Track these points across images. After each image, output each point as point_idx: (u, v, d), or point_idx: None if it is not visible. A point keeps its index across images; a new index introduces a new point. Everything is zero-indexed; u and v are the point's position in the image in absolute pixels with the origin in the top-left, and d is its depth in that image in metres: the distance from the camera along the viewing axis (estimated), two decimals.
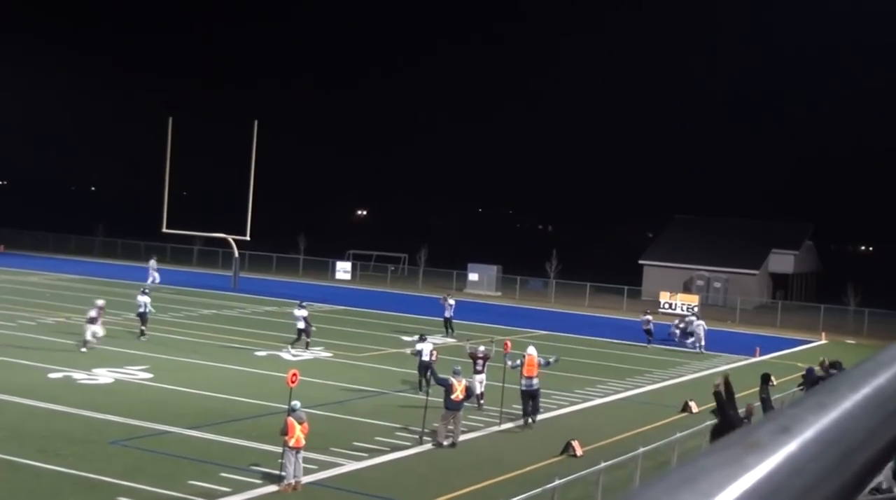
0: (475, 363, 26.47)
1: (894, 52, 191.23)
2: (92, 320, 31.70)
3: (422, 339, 28.57)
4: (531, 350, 25.11)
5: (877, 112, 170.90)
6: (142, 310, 34.84)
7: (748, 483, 0.82)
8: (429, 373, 24.75)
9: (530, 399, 24.28)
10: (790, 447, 0.87)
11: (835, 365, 25.13)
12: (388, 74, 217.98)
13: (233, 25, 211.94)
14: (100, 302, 33.21)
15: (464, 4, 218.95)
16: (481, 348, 27.37)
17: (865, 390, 0.99)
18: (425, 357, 27.14)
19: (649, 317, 43.77)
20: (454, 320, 41.31)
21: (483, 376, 26.32)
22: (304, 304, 35.37)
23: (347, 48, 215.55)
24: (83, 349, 31.02)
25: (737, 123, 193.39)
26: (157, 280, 54.51)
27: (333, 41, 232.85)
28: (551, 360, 25.42)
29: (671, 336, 43.93)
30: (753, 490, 0.81)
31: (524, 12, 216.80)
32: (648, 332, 42.71)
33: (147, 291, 36.41)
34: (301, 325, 34.04)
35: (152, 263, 56.74)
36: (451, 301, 41.75)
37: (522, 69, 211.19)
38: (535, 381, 24.30)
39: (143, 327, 34.76)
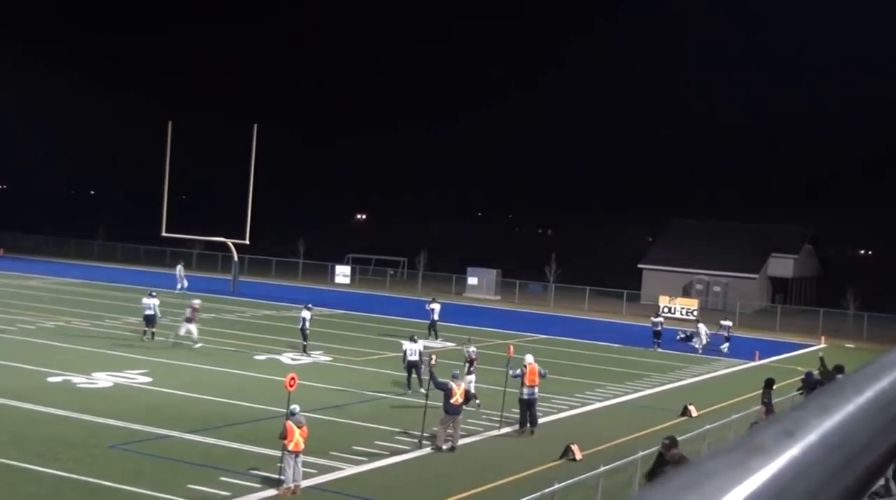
0: (470, 365, 26.80)
1: (893, 56, 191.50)
2: (188, 320, 33.81)
3: (412, 340, 28.78)
4: (529, 358, 25.00)
5: (877, 114, 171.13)
6: (150, 312, 34.91)
7: (752, 487, 0.82)
8: (426, 375, 24.83)
9: (528, 408, 24.26)
10: (794, 451, 0.86)
11: (839, 369, 25.10)
12: (386, 78, 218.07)
13: (233, 26, 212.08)
14: (196, 302, 34.96)
15: (454, 5, 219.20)
16: (472, 349, 27.97)
17: (869, 394, 0.98)
18: (412, 357, 27.56)
19: (661, 319, 43.66)
20: (438, 323, 41.57)
21: (473, 377, 26.53)
22: (309, 306, 35.56)
23: (347, 50, 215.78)
24: (170, 340, 33.83)
25: (737, 127, 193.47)
26: (186, 286, 54.51)
27: (333, 42, 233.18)
28: (545, 372, 25.43)
29: (697, 344, 43.35)
30: (757, 494, 0.81)
31: (523, 12, 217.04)
32: (657, 333, 42.54)
33: (154, 293, 36.28)
34: (300, 325, 34.46)
35: (179, 268, 56.84)
36: (433, 305, 41.84)
37: (522, 73, 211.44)
38: (536, 390, 24.32)
39: (146, 329, 35.00)
